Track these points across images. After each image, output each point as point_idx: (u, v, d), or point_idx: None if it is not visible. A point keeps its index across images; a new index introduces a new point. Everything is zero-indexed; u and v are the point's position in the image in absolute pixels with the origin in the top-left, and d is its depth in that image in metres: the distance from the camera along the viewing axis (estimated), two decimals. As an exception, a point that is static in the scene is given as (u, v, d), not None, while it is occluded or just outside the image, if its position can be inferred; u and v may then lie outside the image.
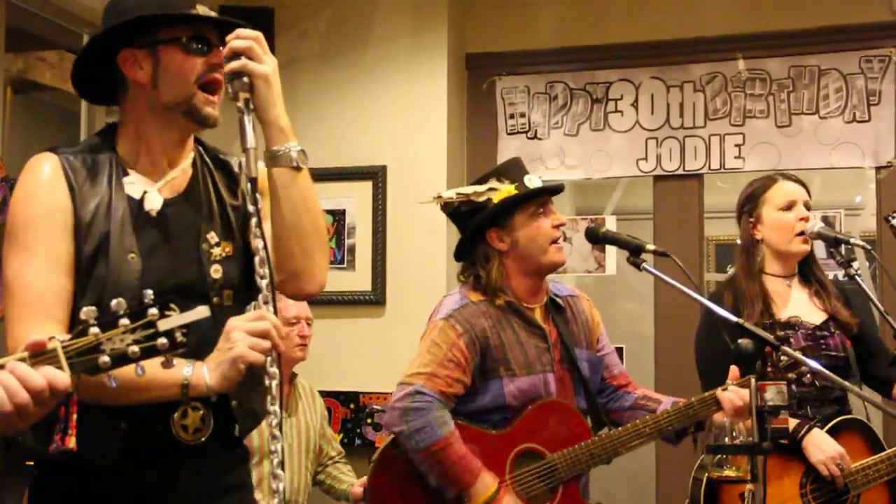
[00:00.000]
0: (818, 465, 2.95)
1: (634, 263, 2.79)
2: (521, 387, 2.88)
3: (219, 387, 1.88)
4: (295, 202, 2.02)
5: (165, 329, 1.51)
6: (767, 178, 3.32)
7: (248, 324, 1.87)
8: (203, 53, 2.01)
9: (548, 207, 3.01)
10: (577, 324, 3.08)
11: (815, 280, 3.26)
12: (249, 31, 1.98)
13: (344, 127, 4.74)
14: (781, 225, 3.21)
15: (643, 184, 4.87)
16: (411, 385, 2.84)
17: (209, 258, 2.05)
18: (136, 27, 1.98)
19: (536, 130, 4.82)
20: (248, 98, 1.96)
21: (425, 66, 4.72)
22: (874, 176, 4.50)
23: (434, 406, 2.81)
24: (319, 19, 4.86)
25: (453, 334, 2.88)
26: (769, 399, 2.34)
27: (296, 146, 2.01)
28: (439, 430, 2.78)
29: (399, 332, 4.58)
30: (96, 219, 1.97)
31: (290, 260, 2.03)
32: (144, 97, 2.03)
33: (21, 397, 1.46)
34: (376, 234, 4.70)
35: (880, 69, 4.44)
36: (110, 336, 1.49)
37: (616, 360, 3.19)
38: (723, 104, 4.61)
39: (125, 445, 1.96)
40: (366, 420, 4.65)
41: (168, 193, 2.07)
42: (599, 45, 4.75)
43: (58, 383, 1.48)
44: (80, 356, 1.49)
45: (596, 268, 4.77)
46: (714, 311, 2.62)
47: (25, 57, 4.81)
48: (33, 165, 2.02)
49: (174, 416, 1.96)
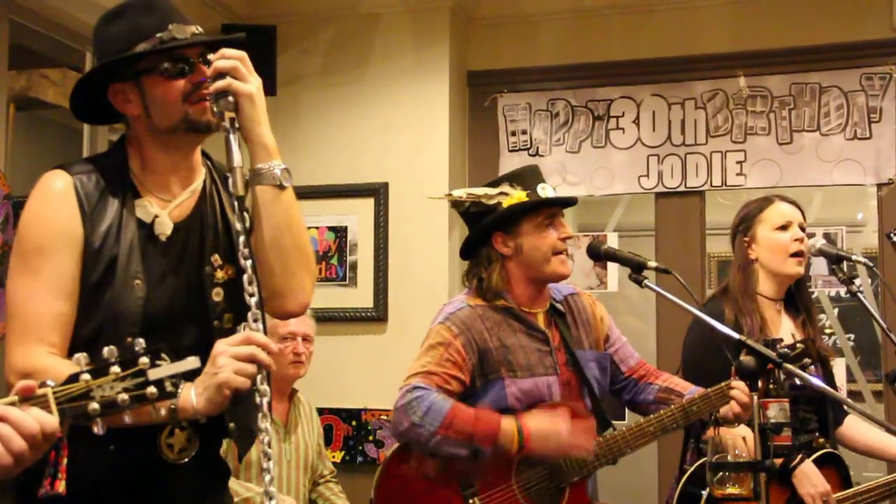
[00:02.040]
0: (806, 497, 2.95)
1: (636, 280, 2.79)
2: (523, 388, 2.87)
3: (206, 411, 1.87)
4: (277, 220, 2.01)
5: (155, 378, 1.53)
6: (763, 199, 3.32)
7: (234, 348, 1.86)
8: (184, 74, 2.01)
9: (557, 220, 3.00)
10: (578, 326, 3.06)
11: (803, 309, 3.26)
12: (233, 50, 1.98)
13: (346, 144, 4.75)
14: (776, 245, 3.20)
15: (645, 200, 4.88)
16: (407, 385, 2.85)
17: (211, 281, 2.06)
18: (117, 62, 2.00)
19: (538, 147, 4.82)
20: (234, 117, 1.96)
21: (427, 83, 4.74)
22: (875, 193, 4.51)
23: (432, 391, 2.81)
24: (321, 37, 4.88)
25: (449, 335, 2.89)
26: (772, 417, 2.33)
27: (279, 164, 2.01)
28: (444, 404, 2.77)
29: (401, 348, 4.57)
30: (106, 243, 1.98)
31: (271, 278, 2.02)
32: (142, 124, 2.06)
33: (17, 444, 1.47)
34: (378, 250, 4.71)
35: (881, 86, 4.45)
36: (101, 383, 1.50)
37: (630, 351, 3.15)
38: (724, 121, 4.61)
39: (114, 467, 1.96)
40: (368, 437, 4.64)
41: (178, 216, 2.07)
42: (601, 63, 4.77)
43: (47, 426, 1.48)
44: (71, 402, 1.50)
45: (598, 284, 4.77)
46: (716, 327, 2.61)
47: (28, 74, 4.82)
48: (45, 185, 2.02)
49: (161, 435, 1.98)
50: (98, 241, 1.97)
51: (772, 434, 2.32)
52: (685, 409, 2.86)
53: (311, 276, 2.11)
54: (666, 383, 3.08)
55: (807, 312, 3.25)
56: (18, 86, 4.79)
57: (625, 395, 3.11)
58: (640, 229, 5.40)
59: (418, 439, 2.79)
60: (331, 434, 4.64)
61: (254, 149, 2.00)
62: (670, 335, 4.52)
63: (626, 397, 3.10)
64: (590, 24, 4.81)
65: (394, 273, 4.69)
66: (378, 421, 4.62)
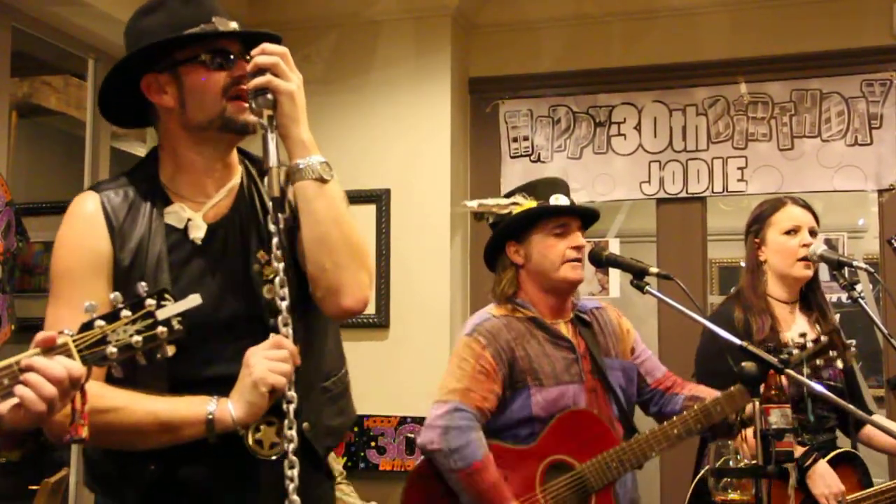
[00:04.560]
0: (820, 497, 2.95)
1: (638, 286, 2.79)
2: (548, 397, 2.87)
3: (246, 416, 1.85)
4: (322, 215, 1.94)
5: (163, 318, 1.61)
6: (777, 201, 3.33)
7: (266, 351, 1.85)
8: (225, 67, 1.97)
9: (569, 228, 3.01)
10: (605, 335, 3.06)
11: (816, 307, 3.27)
12: (275, 46, 1.94)
13: (348, 150, 4.75)
14: (784, 249, 3.22)
15: (646, 207, 4.88)
16: (448, 402, 2.85)
17: (260, 278, 1.98)
18: (161, 44, 1.94)
19: (540, 154, 4.83)
20: (272, 115, 1.92)
21: (428, 90, 4.74)
22: (876, 199, 4.51)
23: (474, 425, 2.82)
24: (323, 43, 4.89)
25: (478, 347, 2.90)
26: (773, 422, 2.33)
27: (319, 158, 1.96)
28: (477, 451, 2.79)
29: (403, 355, 4.58)
30: (136, 261, 1.94)
31: (323, 275, 1.95)
32: (175, 120, 2.00)
33: (48, 391, 1.54)
34: (380, 257, 4.71)
35: (882, 93, 4.45)
36: (114, 328, 1.59)
37: (656, 363, 3.15)
38: (725, 127, 4.62)
39: (210, 465, 1.92)
40: (370, 444, 4.64)
41: (214, 217, 2.02)
42: (602, 69, 4.77)
43: (74, 371, 1.55)
44: (89, 349, 1.58)
45: (599, 291, 4.77)
46: (718, 334, 2.61)
47: (31, 81, 4.84)
48: (74, 208, 1.99)
49: (248, 433, 1.92)
50: (128, 259, 1.94)
51: (773, 440, 2.31)
52: (708, 410, 2.85)
53: (367, 270, 2.01)
54: (692, 392, 3.06)
55: (819, 310, 3.26)
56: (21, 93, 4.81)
57: (651, 408, 3.10)
58: (641, 235, 5.39)
59: (438, 463, 2.84)
60: (333, 440, 4.64)
61: (291, 146, 1.95)
62: (673, 341, 4.52)
63: (654, 409, 3.09)
64: (591, 31, 4.82)
65: (395, 280, 4.69)
66: (380, 427, 4.62)
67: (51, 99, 4.85)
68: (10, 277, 3.71)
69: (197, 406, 1.86)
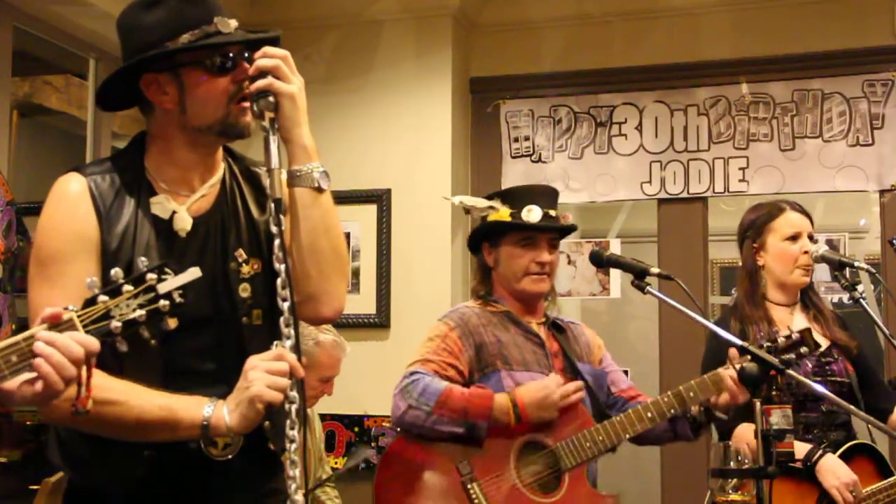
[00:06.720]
0: (831, 490, 2.93)
1: (639, 287, 2.79)
2: (519, 381, 2.91)
3: (239, 427, 1.85)
4: (314, 223, 1.98)
5: (165, 292, 1.63)
6: (774, 207, 3.31)
7: (266, 363, 1.84)
8: (228, 70, 1.97)
9: (535, 241, 3.05)
10: (578, 345, 3.15)
11: (812, 306, 3.27)
12: (277, 49, 1.95)
13: (348, 150, 4.75)
14: (785, 255, 3.21)
15: (647, 207, 4.88)
16: (405, 372, 2.93)
17: (238, 276, 2.01)
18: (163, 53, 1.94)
19: (541, 154, 4.83)
20: (273, 117, 1.93)
21: (430, 89, 4.74)
22: (878, 199, 4.50)
23: (428, 375, 2.89)
24: (324, 43, 4.89)
25: (445, 328, 3.00)
26: (774, 423, 2.33)
27: (318, 167, 1.98)
28: (439, 384, 2.86)
29: (403, 354, 4.51)
30: (123, 244, 1.94)
31: (307, 281, 1.98)
32: (173, 120, 2.00)
33: (69, 371, 1.56)
34: (381, 257, 4.71)
35: (883, 93, 4.45)
36: (117, 303, 1.61)
37: (623, 377, 3.22)
38: (726, 128, 4.62)
39: (157, 467, 1.93)
40: (370, 444, 4.64)
41: (197, 211, 2.03)
42: (603, 69, 4.77)
43: (91, 348, 1.58)
44: (94, 323, 1.60)
45: (600, 291, 4.77)
46: (719, 334, 2.61)
47: (32, 81, 4.84)
48: (60, 188, 1.98)
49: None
50: (115, 243, 1.94)
51: (774, 440, 2.31)
52: (681, 395, 2.89)
53: (346, 281, 2.09)
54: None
55: (816, 309, 3.25)
56: (22, 92, 4.81)
57: (614, 413, 3.09)
58: (642, 235, 5.39)
59: (415, 421, 2.85)
60: (333, 440, 4.64)
61: (293, 149, 1.97)
62: (673, 341, 4.53)
63: (612, 414, 3.09)
64: (592, 31, 4.82)
65: (396, 279, 4.69)
66: (380, 427, 4.62)
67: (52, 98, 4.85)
68: (10, 277, 3.71)
69: (194, 409, 1.86)
